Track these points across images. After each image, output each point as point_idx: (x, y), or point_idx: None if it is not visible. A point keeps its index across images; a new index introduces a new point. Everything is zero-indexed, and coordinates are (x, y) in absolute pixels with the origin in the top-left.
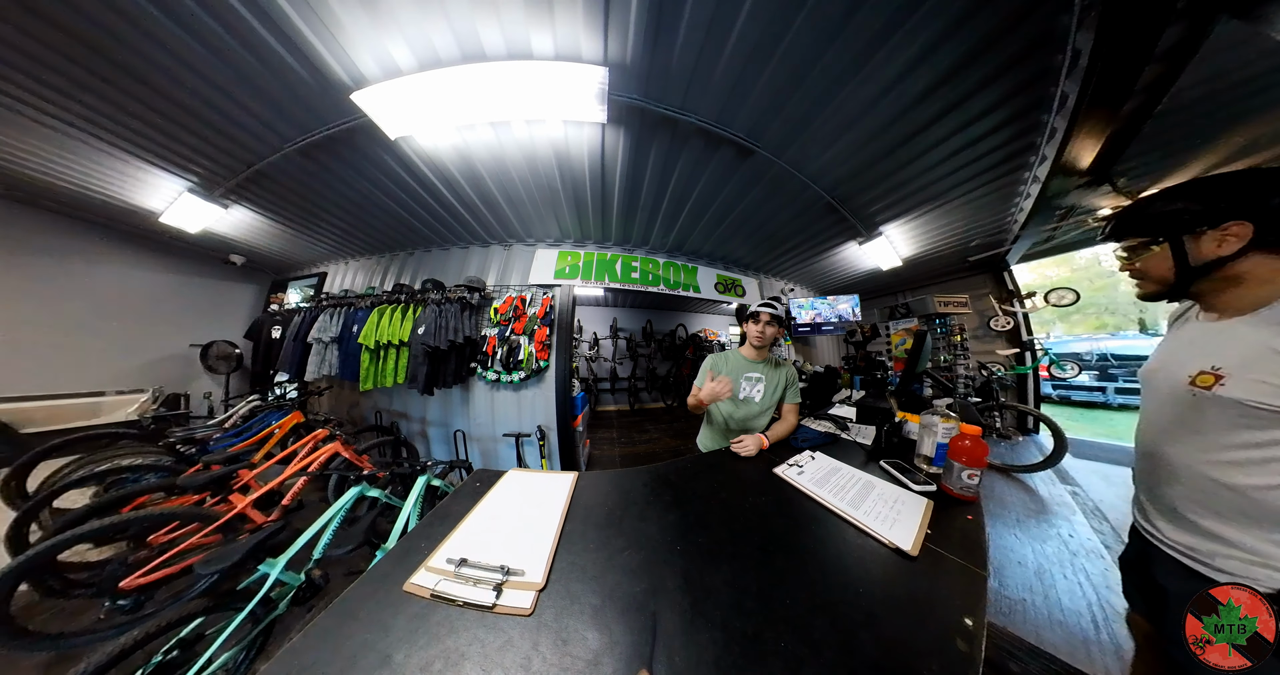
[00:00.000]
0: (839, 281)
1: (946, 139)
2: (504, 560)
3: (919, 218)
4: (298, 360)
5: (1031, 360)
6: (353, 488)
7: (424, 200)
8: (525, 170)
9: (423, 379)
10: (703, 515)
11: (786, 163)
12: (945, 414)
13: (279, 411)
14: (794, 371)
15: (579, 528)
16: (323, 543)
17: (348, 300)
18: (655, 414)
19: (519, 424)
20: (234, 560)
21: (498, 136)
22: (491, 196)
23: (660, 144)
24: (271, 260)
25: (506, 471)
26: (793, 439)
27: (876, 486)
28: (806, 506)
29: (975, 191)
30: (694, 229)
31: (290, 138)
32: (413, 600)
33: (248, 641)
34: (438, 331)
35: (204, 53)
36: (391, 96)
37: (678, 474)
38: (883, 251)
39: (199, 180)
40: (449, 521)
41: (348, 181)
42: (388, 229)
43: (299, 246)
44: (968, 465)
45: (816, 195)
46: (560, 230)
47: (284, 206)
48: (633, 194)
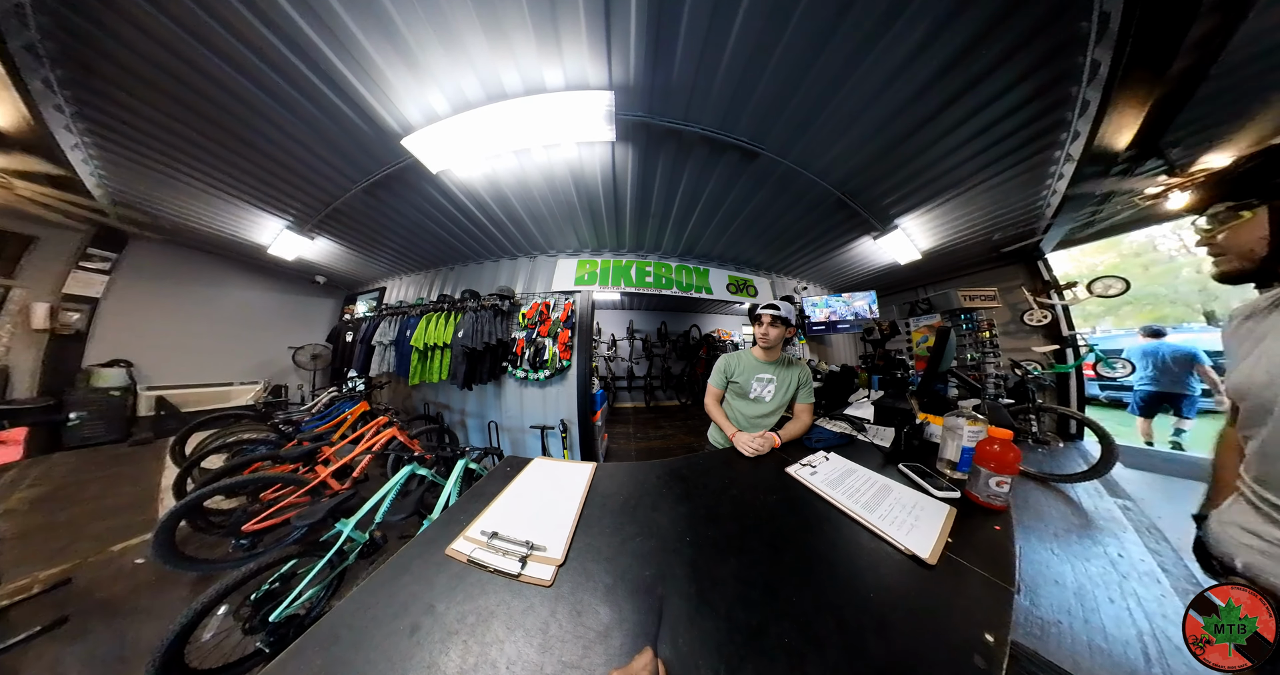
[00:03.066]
0: (854, 278)
1: (962, 123)
2: (529, 536)
3: (938, 208)
4: (364, 359)
5: (1074, 357)
6: (406, 466)
7: (461, 222)
8: (545, 189)
9: (462, 376)
10: (713, 509)
11: (792, 162)
12: (972, 416)
13: (350, 401)
14: (807, 371)
15: (596, 513)
16: (383, 510)
17: (402, 309)
18: (670, 411)
19: (544, 417)
20: (318, 517)
21: (520, 162)
22: (517, 214)
23: (667, 155)
24: (345, 278)
25: (533, 459)
26: (807, 439)
27: (894, 490)
28: (818, 507)
29: (999, 176)
30: (704, 233)
31: (357, 180)
32: (452, 562)
33: (326, 582)
34: (474, 334)
35: (289, 116)
36: (432, 138)
37: (690, 469)
38: (900, 245)
39: (294, 219)
40: (483, 499)
41: (401, 211)
42: (433, 248)
43: (365, 266)
44: (996, 472)
45: (825, 192)
46: (578, 241)
47: (354, 235)
48: (643, 203)
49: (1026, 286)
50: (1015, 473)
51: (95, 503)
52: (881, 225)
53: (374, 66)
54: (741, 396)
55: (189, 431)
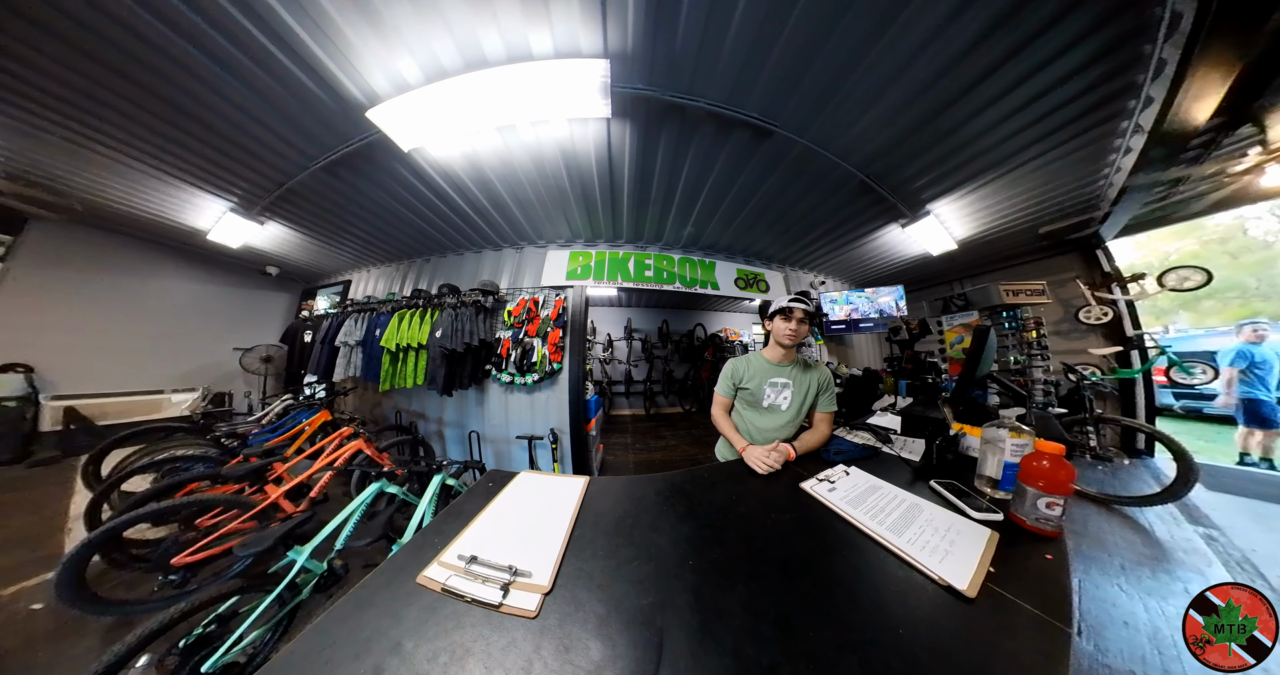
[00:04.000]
0: (879, 271)
1: (1009, 91)
2: (512, 560)
3: (977, 191)
4: (326, 362)
5: (1140, 361)
6: (373, 484)
7: (437, 207)
8: (533, 172)
9: (441, 380)
10: (719, 529)
11: (810, 141)
12: (1016, 427)
13: (309, 410)
14: (828, 374)
15: (588, 533)
16: (344, 534)
17: (370, 306)
18: (672, 419)
19: (532, 426)
20: (266, 545)
21: (504, 141)
22: (501, 200)
23: (669, 133)
24: (302, 270)
25: (518, 473)
26: (824, 451)
27: (924, 510)
28: (838, 528)
29: (1051, 153)
30: (710, 221)
31: (315, 156)
32: (424, 593)
33: (274, 622)
34: (454, 334)
35: (231, 80)
36: (402, 111)
37: (694, 484)
38: (932, 234)
39: (239, 200)
40: (461, 519)
41: (367, 194)
42: (405, 237)
43: (326, 256)
44: (1046, 492)
45: (847, 174)
46: (571, 230)
47: (312, 220)
48: (643, 188)
49: (1083, 279)
50: (1069, 493)
51: None
52: (911, 211)
53: (332, 25)
54: (753, 406)
55: (107, 448)
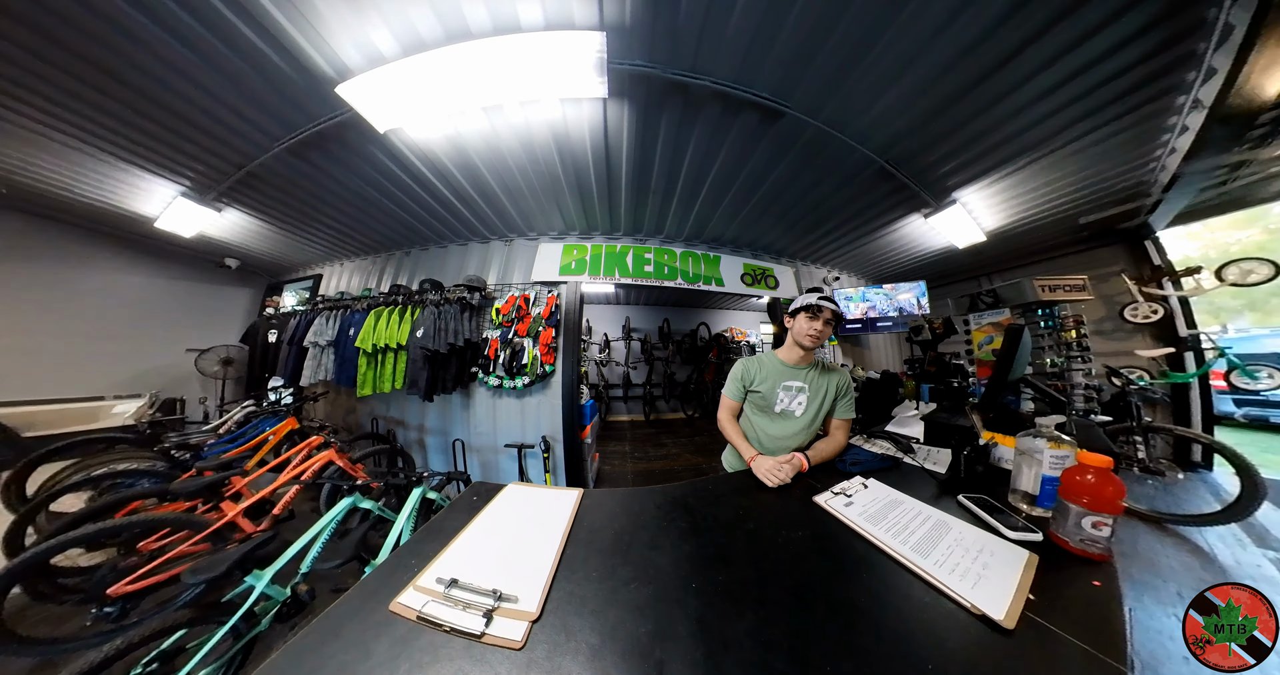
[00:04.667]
0: (898, 266)
1: (1048, 66)
2: (497, 584)
3: (1009, 177)
4: (293, 365)
5: (1196, 364)
6: (345, 498)
7: (418, 195)
8: (522, 157)
9: (423, 384)
10: (725, 548)
11: (824, 123)
12: (1055, 437)
13: (273, 417)
14: (847, 378)
15: (581, 552)
16: (311, 555)
17: (344, 303)
18: (673, 426)
19: (522, 434)
20: (221, 570)
21: (491, 122)
22: (488, 188)
23: (670, 115)
24: (266, 263)
25: (506, 485)
26: (840, 462)
27: (953, 529)
28: (856, 547)
29: (1095, 133)
30: (715, 212)
31: (278, 136)
32: (398, 622)
33: (227, 658)
34: (437, 334)
35: (187, 54)
36: (377, 87)
37: (697, 497)
38: (958, 224)
39: (192, 184)
40: (442, 537)
41: (339, 179)
42: (382, 227)
43: (293, 248)
44: (1091, 510)
45: (865, 159)
46: (564, 222)
47: (276, 207)
48: (642, 176)
49: (1129, 273)
50: (1118, 511)
51: None
52: (935, 200)
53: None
54: (765, 411)
55: (33, 463)
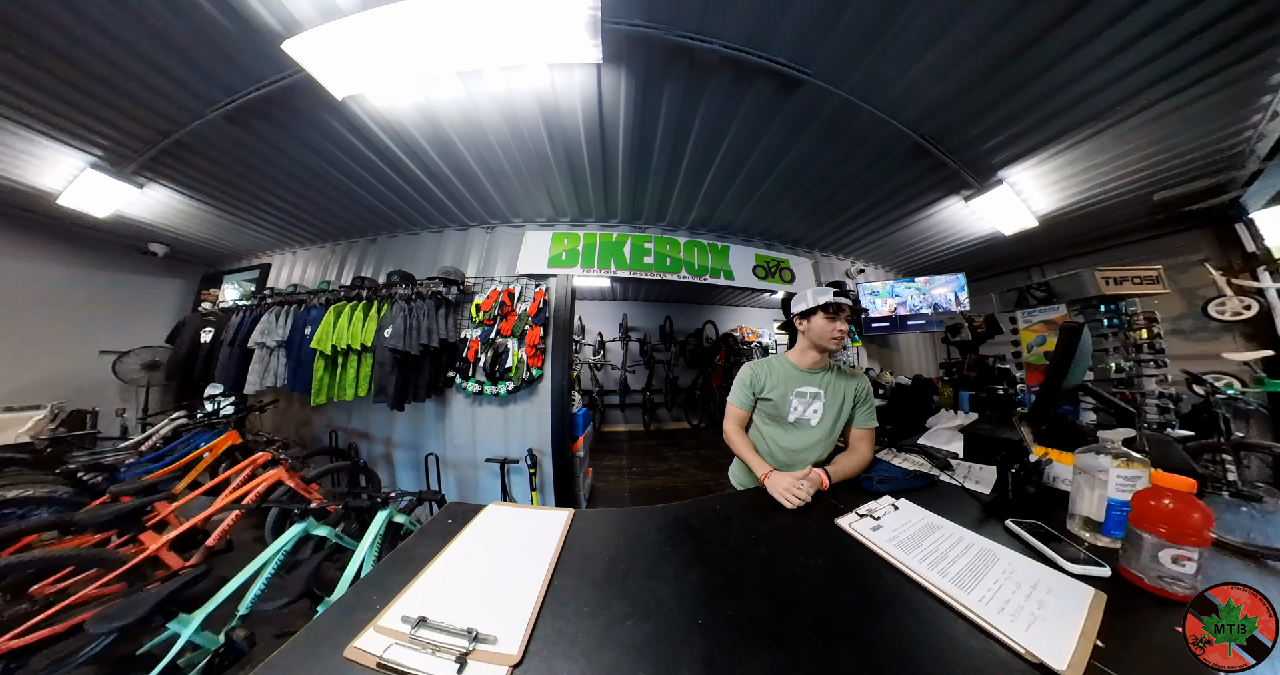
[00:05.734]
0: (933, 257)
1: (1120, 18)
2: (473, 621)
3: (1067, 151)
4: (235, 369)
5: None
6: (296, 525)
7: (383, 174)
8: (505, 132)
9: (392, 391)
10: (735, 577)
11: (850, 92)
12: (1123, 454)
13: (210, 431)
14: (866, 383)
15: (571, 583)
16: (252, 594)
17: (297, 297)
18: (676, 437)
19: (505, 447)
20: (137, 616)
21: (468, 90)
22: (466, 167)
23: (674, 85)
24: (201, 250)
25: (486, 506)
26: (865, 478)
27: (1000, 559)
28: (886, 578)
29: (1176, 96)
30: (724, 196)
31: (213, 100)
32: (354, 671)
33: None
34: (407, 334)
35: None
36: (332, 44)
37: (703, 518)
38: (1004, 208)
39: (104, 154)
40: (410, 568)
41: (288, 153)
42: (342, 210)
43: (234, 233)
44: (1171, 541)
45: (897, 134)
46: (553, 207)
47: (213, 185)
48: (642, 154)
49: (1214, 263)
50: (1205, 544)
51: None
52: (978, 181)
53: None
54: (777, 420)
55: None
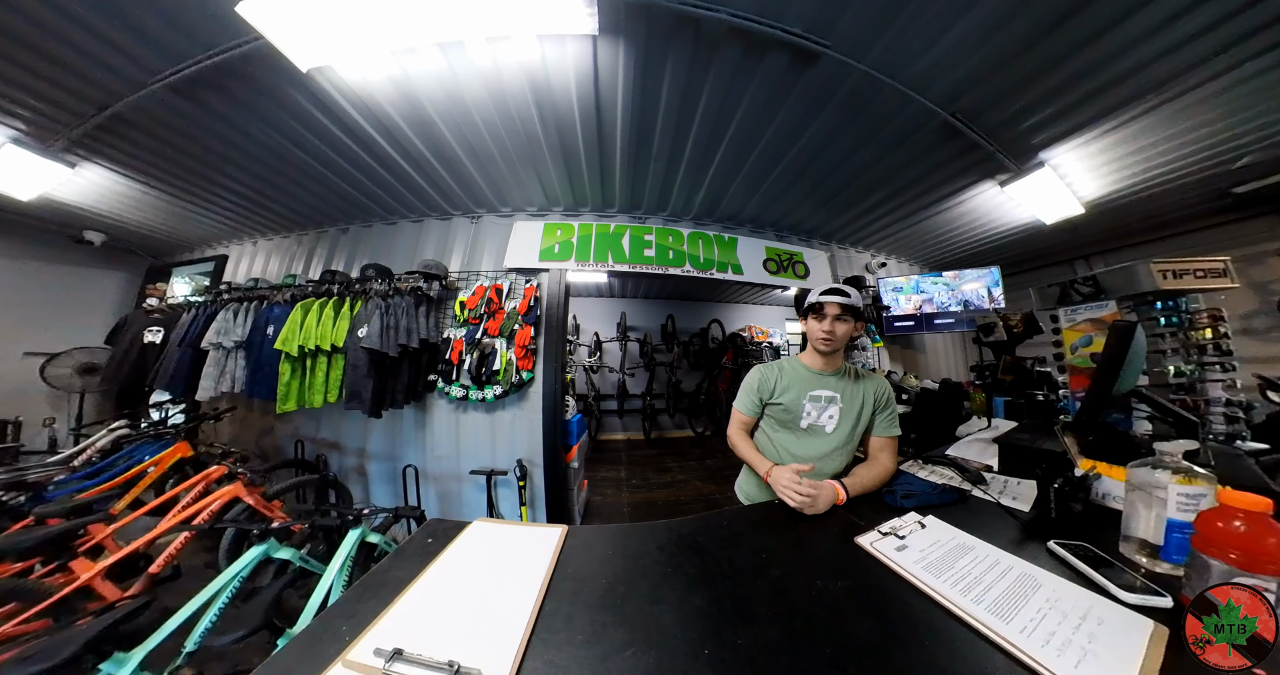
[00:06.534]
0: (964, 249)
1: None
2: (455, 653)
3: (1120, 129)
4: (187, 373)
5: None
6: (255, 547)
7: (355, 157)
8: (491, 110)
9: (368, 397)
10: (745, 602)
11: (872, 66)
12: (1184, 469)
13: (156, 443)
14: (886, 387)
15: (563, 608)
16: (202, 627)
17: (259, 293)
18: (679, 446)
19: (492, 457)
20: (63, 657)
21: (449, 64)
22: (447, 149)
23: (677, 59)
24: (146, 239)
25: (470, 523)
26: (887, 492)
27: (1043, 586)
28: (913, 605)
29: (1254, 60)
30: (731, 183)
31: (156, 69)
32: None
33: None
34: (384, 333)
35: None
36: (294, 8)
37: (710, 535)
38: (1046, 193)
39: (27, 128)
40: (384, 593)
41: (247, 131)
42: (309, 196)
43: (185, 220)
44: (1244, 568)
45: (924, 113)
46: (545, 195)
47: (158, 165)
48: (642, 137)
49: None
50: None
51: None
52: (1016, 163)
53: None
54: (789, 427)
55: None
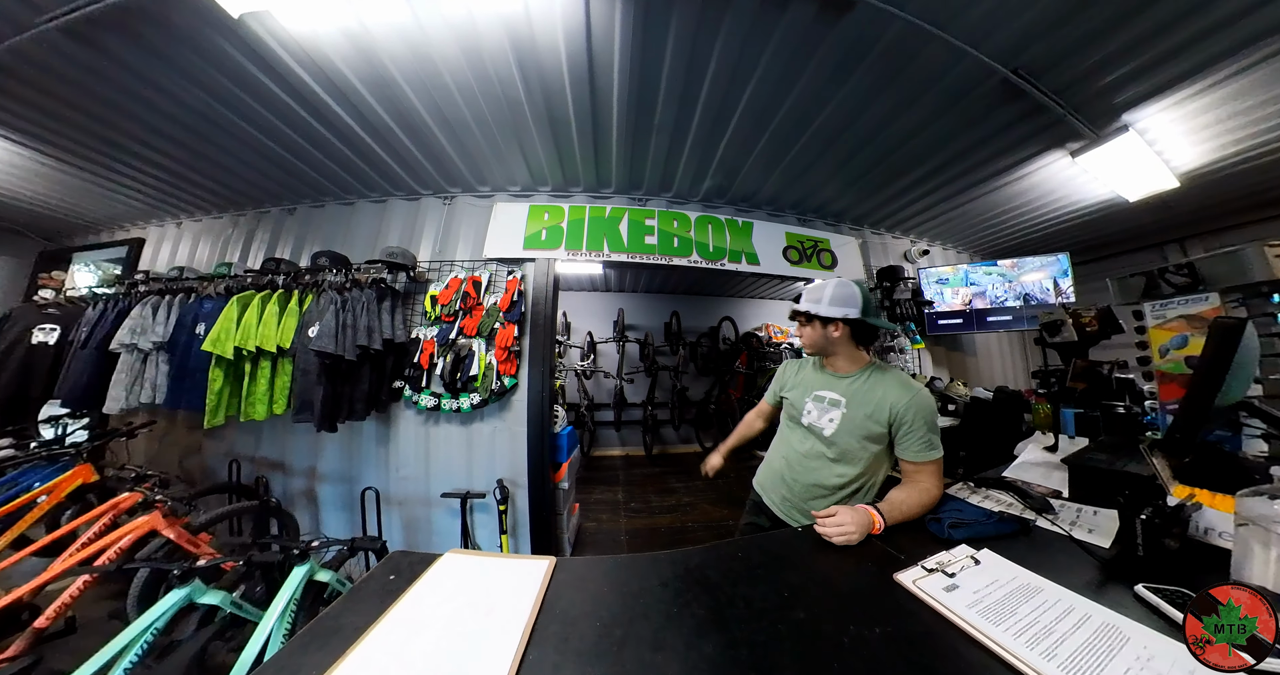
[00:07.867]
0: (1023, 233)
1: None
2: None
3: (1223, 84)
4: (91, 381)
5: None
6: (175, 591)
7: (303, 123)
8: (466, 71)
9: (319, 407)
10: (763, 650)
11: (916, 15)
12: None
13: (49, 466)
14: (916, 402)
15: (550, 656)
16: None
17: (185, 284)
18: (686, 463)
19: (468, 477)
20: None
21: (415, 15)
22: (414, 117)
23: (684, 12)
24: (39, 217)
25: (441, 555)
26: (932, 521)
27: (1131, 640)
28: (966, 658)
29: None
30: (747, 159)
31: (43, 7)
32: None
33: None
34: (340, 333)
35: None
36: None
37: (721, 568)
38: (1130, 164)
39: None
40: (335, 643)
41: (165, 88)
42: (247, 170)
43: (89, 196)
44: None
45: (979, 69)
46: (530, 172)
47: (50, 127)
48: (642, 104)
49: None
50: None
51: None
52: (1094, 128)
53: None
54: (794, 421)
55: None
